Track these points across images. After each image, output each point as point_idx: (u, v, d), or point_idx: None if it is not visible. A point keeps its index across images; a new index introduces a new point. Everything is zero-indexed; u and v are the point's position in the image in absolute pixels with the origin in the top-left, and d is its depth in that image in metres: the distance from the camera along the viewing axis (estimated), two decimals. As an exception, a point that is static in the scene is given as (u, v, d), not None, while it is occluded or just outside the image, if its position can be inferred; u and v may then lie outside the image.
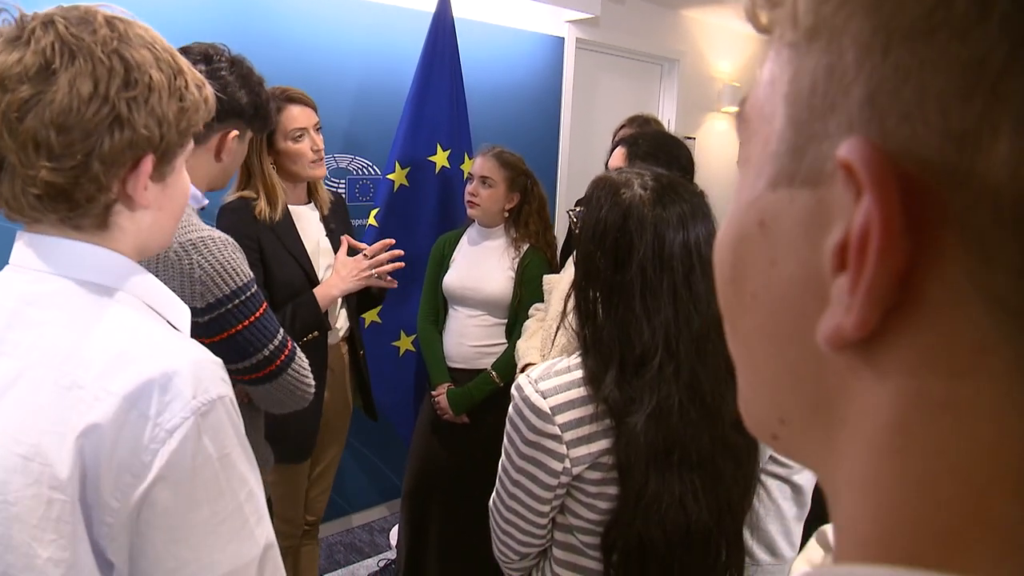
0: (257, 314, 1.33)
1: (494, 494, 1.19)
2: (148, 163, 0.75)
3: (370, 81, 2.86)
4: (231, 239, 1.35)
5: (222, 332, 1.28)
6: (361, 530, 3.12)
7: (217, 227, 1.84)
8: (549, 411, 1.04)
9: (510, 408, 1.11)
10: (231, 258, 1.30)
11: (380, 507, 3.23)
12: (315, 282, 1.94)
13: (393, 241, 2.05)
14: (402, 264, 2.04)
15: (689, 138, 4.40)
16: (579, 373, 1.06)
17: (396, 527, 2.84)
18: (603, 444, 1.04)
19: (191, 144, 0.83)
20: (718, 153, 4.92)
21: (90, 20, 0.72)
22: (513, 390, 1.10)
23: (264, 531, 0.75)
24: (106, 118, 0.70)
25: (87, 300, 0.73)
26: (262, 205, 1.85)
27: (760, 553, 1.36)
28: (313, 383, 1.47)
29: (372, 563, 2.88)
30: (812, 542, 0.99)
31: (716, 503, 1.06)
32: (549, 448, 1.05)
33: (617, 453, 1.03)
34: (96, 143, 0.70)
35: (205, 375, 0.71)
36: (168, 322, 0.81)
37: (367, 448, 3.07)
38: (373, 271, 1.97)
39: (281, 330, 1.38)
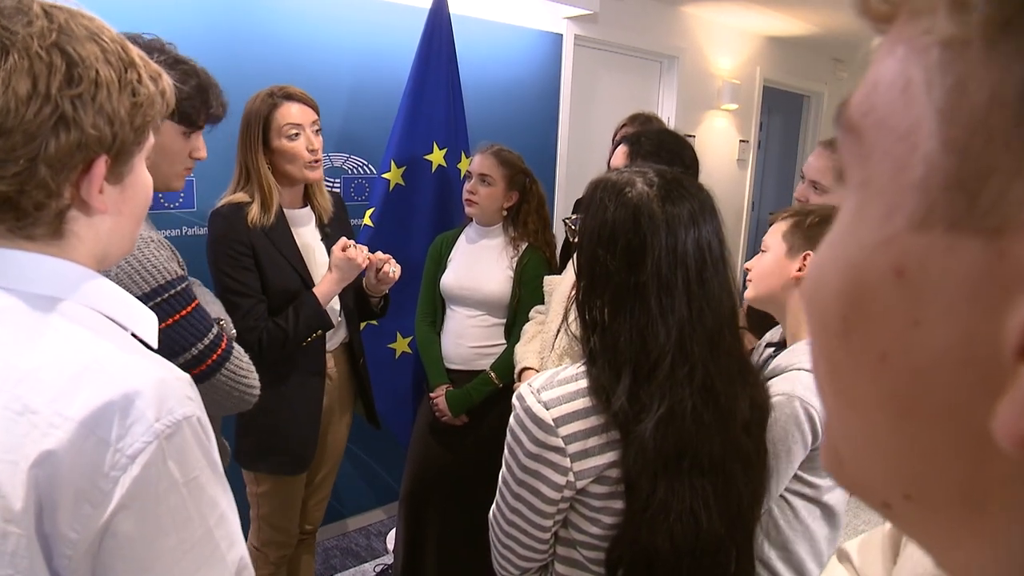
0: (182, 313, 1.31)
1: (494, 507, 1.15)
2: (101, 165, 0.70)
3: (365, 78, 2.81)
4: (156, 238, 1.32)
5: None
6: (358, 534, 3.08)
7: (208, 234, 1.80)
8: (552, 423, 1.00)
9: (511, 419, 1.07)
10: (152, 256, 1.28)
11: (377, 511, 3.19)
12: (311, 287, 1.89)
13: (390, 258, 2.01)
14: (398, 272, 1.99)
15: (689, 136, 4.37)
16: (585, 382, 1.02)
17: (393, 531, 2.81)
18: (609, 457, 1.00)
19: (150, 141, 0.77)
20: (717, 151, 4.89)
21: (25, 11, 0.65)
22: (515, 400, 1.06)
23: (236, 556, 0.70)
24: (49, 118, 0.65)
25: (38, 316, 0.67)
26: (255, 210, 1.80)
27: (788, 575, 1.31)
28: (256, 384, 1.44)
29: (369, 568, 2.84)
30: (833, 561, 0.95)
31: (727, 510, 1.03)
32: (552, 461, 1.01)
33: (624, 463, 0.98)
34: (40, 146, 0.65)
35: (169, 394, 0.66)
36: (132, 334, 0.76)
37: (363, 451, 3.03)
38: (370, 257, 1.92)
39: (215, 329, 1.36)
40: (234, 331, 1.54)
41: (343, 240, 1.91)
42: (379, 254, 1.96)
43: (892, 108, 0.22)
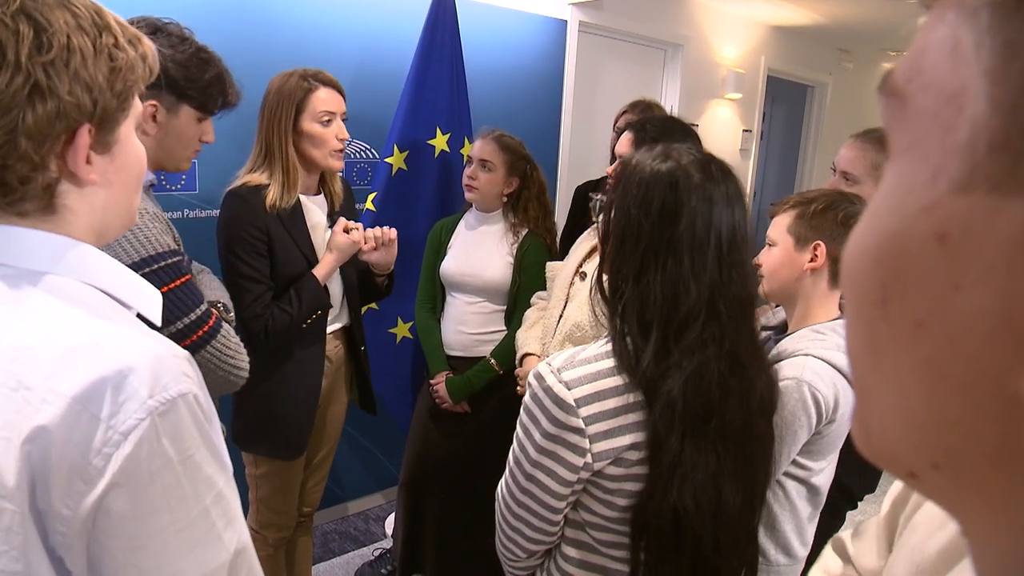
0: (170, 286, 1.31)
1: (503, 486, 1.15)
2: (85, 134, 0.68)
3: (369, 62, 2.80)
4: (152, 211, 1.32)
5: None
6: (356, 518, 3.09)
7: (221, 214, 1.78)
8: (573, 403, 1.00)
9: (527, 398, 1.06)
10: (145, 226, 1.28)
11: (376, 495, 3.20)
12: None
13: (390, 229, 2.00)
14: (393, 234, 1.99)
15: (692, 125, 4.35)
16: (607, 363, 1.02)
17: (392, 515, 2.82)
18: (628, 439, 1.01)
19: (137, 107, 0.75)
20: (721, 140, 4.87)
21: None
22: (532, 379, 1.06)
23: (235, 535, 0.70)
24: (23, 88, 0.63)
25: (33, 292, 0.66)
26: (275, 191, 1.77)
27: (776, 554, 1.33)
28: (245, 366, 1.43)
29: (367, 552, 2.85)
30: (828, 551, 0.95)
31: (744, 484, 1.04)
32: (571, 442, 1.01)
33: (651, 423, 0.99)
34: (17, 117, 0.63)
35: (164, 371, 0.65)
36: (132, 309, 0.75)
37: (362, 436, 3.04)
38: (367, 233, 1.92)
39: (203, 307, 1.36)
40: (232, 315, 1.53)
41: (343, 221, 1.90)
42: (377, 229, 1.96)
43: (939, 71, 0.22)
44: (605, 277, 1.09)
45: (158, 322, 0.77)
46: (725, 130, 4.94)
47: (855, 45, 5.85)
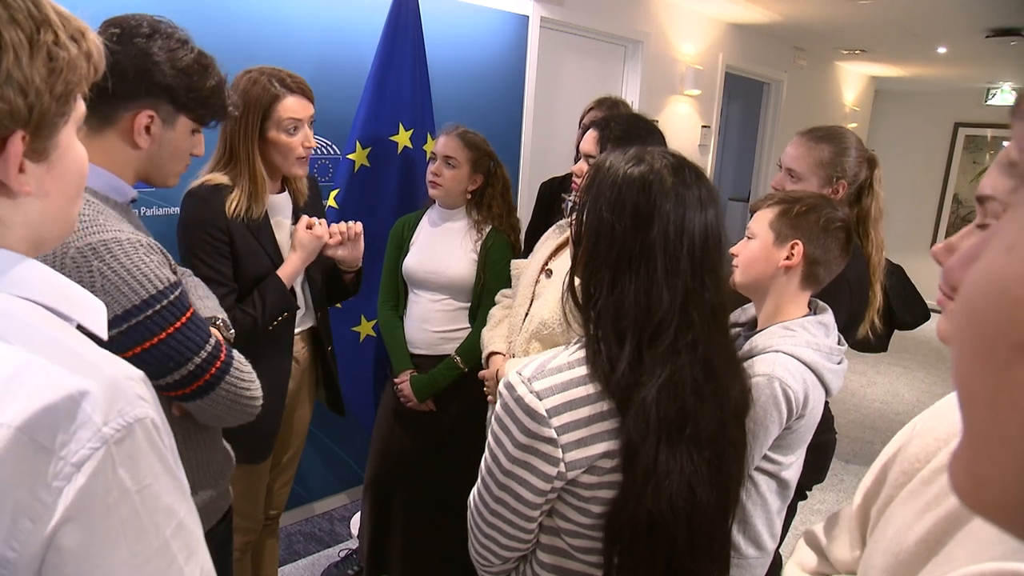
0: (179, 323, 1.19)
1: (476, 497, 1.14)
2: (18, 143, 0.61)
3: (330, 57, 2.75)
4: (145, 241, 1.19)
5: (136, 346, 1.14)
6: (321, 519, 3.05)
7: (181, 216, 1.72)
8: (545, 413, 0.99)
9: (498, 407, 1.06)
10: (141, 262, 1.15)
11: (340, 495, 3.17)
12: None
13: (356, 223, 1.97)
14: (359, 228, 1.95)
15: (652, 121, 4.39)
16: (579, 371, 1.02)
17: (357, 515, 2.79)
18: (601, 447, 1.01)
19: (79, 110, 0.69)
20: (680, 136, 4.92)
21: None
22: (502, 388, 1.05)
23: (197, 567, 0.65)
24: None
25: None
26: (241, 200, 1.72)
27: (747, 547, 1.35)
28: (259, 394, 1.34)
29: (333, 553, 2.82)
30: (801, 544, 0.97)
31: (718, 486, 1.05)
32: (543, 452, 1.00)
33: (625, 431, 0.99)
34: None
35: (119, 395, 0.59)
36: (72, 321, 0.68)
37: (326, 435, 3.01)
38: (332, 227, 1.88)
39: (213, 339, 1.25)
40: (232, 331, 1.45)
41: (306, 218, 1.87)
42: (343, 224, 1.93)
43: None
44: (577, 281, 1.08)
45: (103, 335, 0.71)
46: (684, 126, 4.99)
47: (809, 43, 5.97)
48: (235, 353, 1.30)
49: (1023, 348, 0.22)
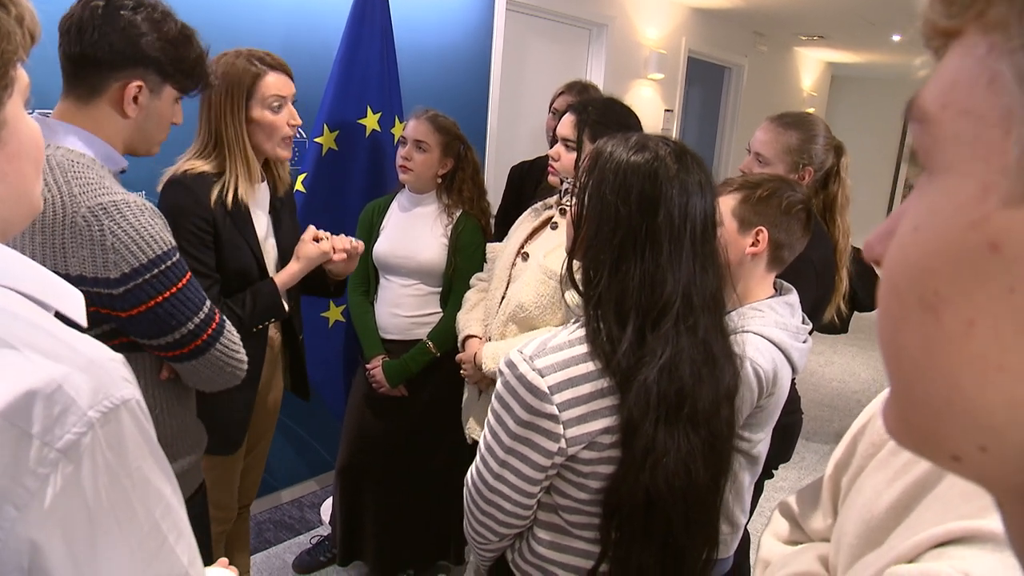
0: (179, 285, 1.26)
1: (474, 474, 1.15)
2: None
3: (296, 39, 2.70)
4: (150, 204, 1.25)
5: (140, 304, 1.21)
6: (290, 506, 3.03)
7: (163, 203, 1.67)
8: (547, 390, 1.01)
9: (499, 385, 1.07)
10: (149, 223, 1.21)
11: (309, 482, 3.14)
12: (264, 270, 1.80)
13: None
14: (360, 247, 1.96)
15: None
16: (580, 349, 1.04)
17: (328, 501, 2.78)
18: (602, 423, 1.02)
19: (23, 80, 0.64)
20: (644, 120, 4.91)
21: None
22: (503, 366, 1.06)
23: (185, 546, 0.64)
24: None
25: None
26: (239, 184, 1.68)
27: (720, 524, 1.38)
28: (245, 359, 1.41)
29: (304, 540, 2.80)
30: (776, 515, 1.00)
31: (710, 470, 1.07)
32: (545, 428, 1.02)
33: (625, 410, 1.01)
34: None
35: (103, 377, 0.57)
36: (50, 308, 0.66)
37: (294, 422, 2.98)
38: (337, 243, 1.88)
39: (208, 303, 1.31)
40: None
41: (312, 229, 1.85)
42: (347, 240, 1.92)
43: (977, 99, 0.25)
44: (576, 264, 1.09)
45: (82, 322, 0.68)
46: (648, 109, 5.03)
47: (769, 29, 6.04)
48: (225, 318, 1.37)
49: (935, 308, 0.26)
